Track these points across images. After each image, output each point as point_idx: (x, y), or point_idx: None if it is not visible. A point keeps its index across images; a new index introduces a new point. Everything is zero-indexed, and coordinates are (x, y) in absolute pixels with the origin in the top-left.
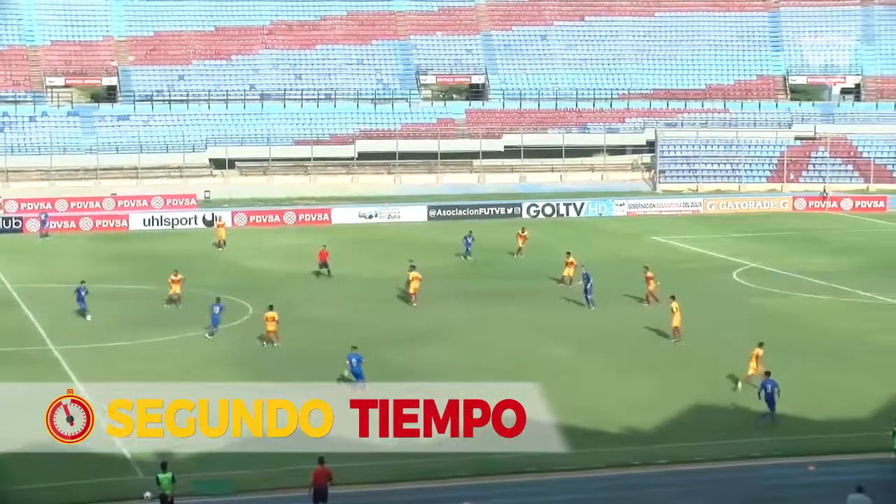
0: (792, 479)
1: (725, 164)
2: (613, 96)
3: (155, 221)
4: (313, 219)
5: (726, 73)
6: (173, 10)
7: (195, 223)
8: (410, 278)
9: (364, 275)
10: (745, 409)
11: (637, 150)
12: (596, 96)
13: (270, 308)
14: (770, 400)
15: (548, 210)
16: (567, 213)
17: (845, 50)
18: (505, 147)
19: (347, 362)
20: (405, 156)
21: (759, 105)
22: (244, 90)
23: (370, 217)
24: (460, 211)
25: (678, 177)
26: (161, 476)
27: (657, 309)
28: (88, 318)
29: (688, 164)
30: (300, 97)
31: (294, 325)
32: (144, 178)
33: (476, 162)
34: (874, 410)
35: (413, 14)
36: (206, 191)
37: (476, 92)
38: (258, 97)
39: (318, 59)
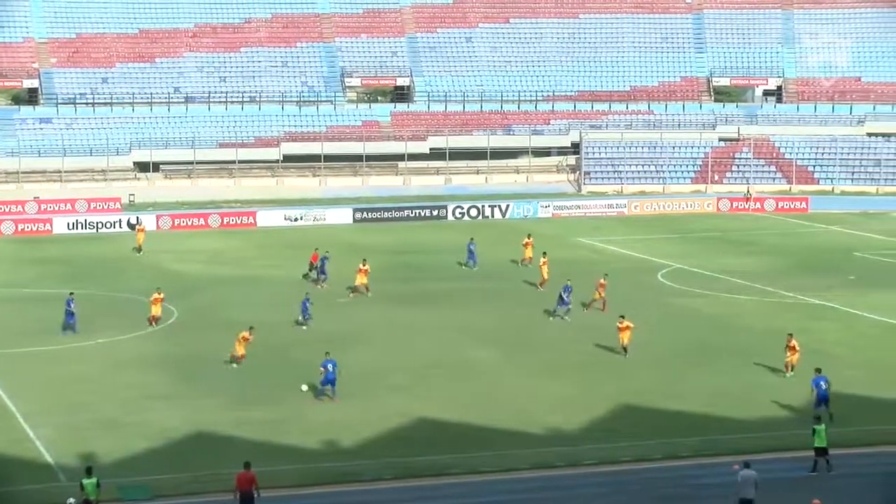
0: (716, 479)
1: (650, 165)
2: (538, 98)
3: (79, 225)
4: (238, 222)
5: (650, 75)
6: (95, 12)
7: (119, 227)
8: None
9: (290, 277)
10: (669, 410)
11: (562, 151)
12: (521, 98)
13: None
14: (824, 397)
15: (473, 212)
16: (492, 215)
17: (767, 52)
18: (430, 149)
19: (321, 369)
20: (330, 158)
21: (683, 107)
22: (168, 93)
23: (295, 220)
24: (386, 213)
25: (603, 178)
26: (86, 481)
27: (580, 310)
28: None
29: (612, 165)
30: (225, 100)
31: (217, 329)
32: (68, 181)
33: (401, 164)
34: (796, 410)
35: (338, 16)
36: (130, 194)
37: (401, 94)
38: (182, 100)
39: (242, 62)
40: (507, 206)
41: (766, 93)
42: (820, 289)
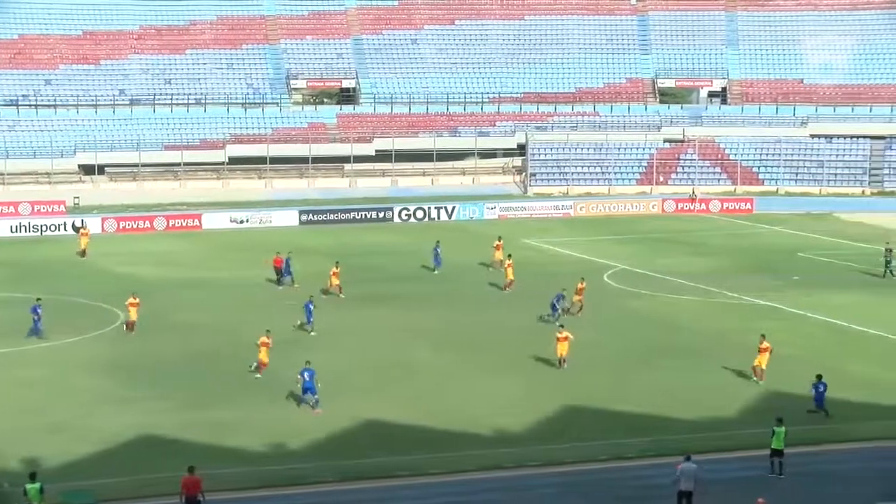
0: (663, 479)
1: (595, 167)
2: (484, 100)
3: (22, 228)
4: (184, 224)
5: (596, 77)
6: (39, 13)
7: (64, 230)
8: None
9: (237, 280)
10: (616, 410)
11: (508, 153)
12: (466, 100)
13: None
14: (820, 400)
15: (419, 214)
16: (438, 217)
17: (712, 54)
18: (376, 151)
19: (299, 377)
20: (276, 160)
21: (629, 108)
22: (113, 95)
23: (241, 222)
24: (332, 215)
25: (549, 180)
26: (29, 486)
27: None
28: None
29: (558, 167)
30: (170, 102)
31: (167, 331)
32: (11, 184)
33: (347, 166)
34: (741, 410)
35: (283, 18)
36: (75, 197)
37: (347, 96)
38: (127, 102)
39: (187, 64)
40: (453, 207)
41: (711, 94)
42: (764, 289)
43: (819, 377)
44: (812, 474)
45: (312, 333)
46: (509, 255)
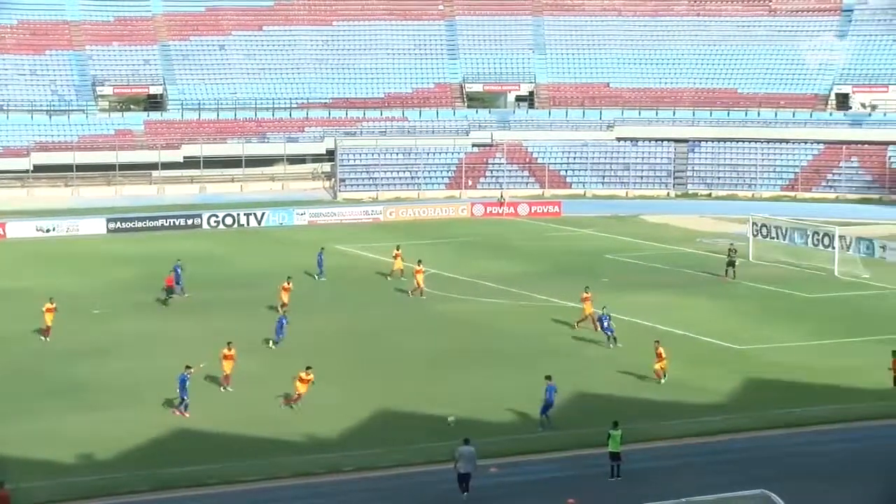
0: (476, 481)
1: (405, 171)
2: (293, 106)
3: None
4: None
5: (404, 82)
6: None
7: None
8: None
9: (42, 290)
10: (431, 415)
11: (317, 159)
12: (275, 106)
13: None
14: (550, 403)
15: (228, 220)
16: (248, 224)
17: (519, 58)
18: (184, 158)
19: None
20: (83, 168)
21: (437, 113)
22: None
23: (48, 231)
24: (140, 223)
25: (358, 185)
26: None
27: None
28: None
29: (368, 172)
30: None
31: None
32: None
33: (155, 173)
34: (552, 411)
35: (88, 24)
36: None
37: (155, 103)
38: None
39: None
40: (263, 214)
41: (519, 98)
42: (573, 291)
43: (548, 378)
44: (627, 473)
45: (273, 346)
46: (419, 261)
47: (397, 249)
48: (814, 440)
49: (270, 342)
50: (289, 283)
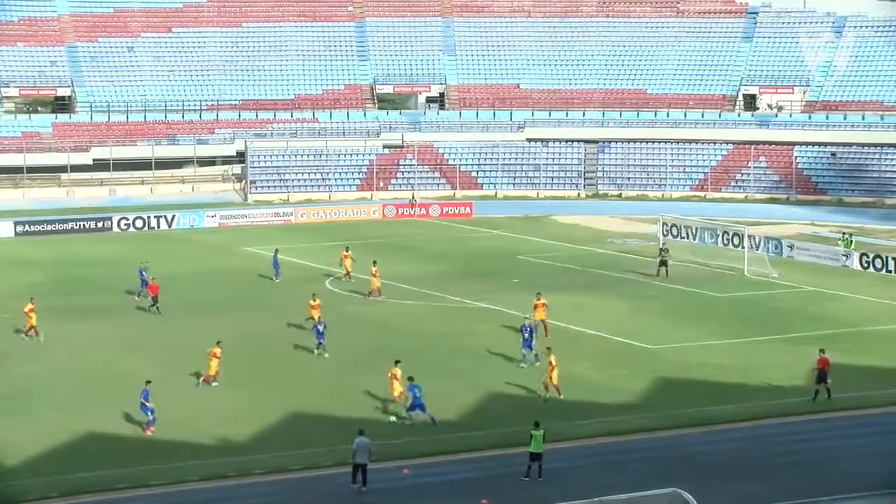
0: (388, 483)
1: (316, 173)
2: (202, 107)
3: None
4: None
5: (315, 83)
6: None
7: None
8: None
9: None
10: (342, 416)
11: (227, 161)
12: (185, 107)
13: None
14: (417, 403)
15: (139, 223)
16: (158, 226)
17: (429, 60)
18: (94, 160)
19: (142, 400)
20: None
21: (348, 114)
22: None
23: None
24: (49, 226)
25: (269, 187)
26: None
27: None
28: None
29: (278, 174)
30: None
31: None
32: None
33: (64, 176)
34: (459, 413)
35: None
36: None
37: (63, 104)
38: None
39: None
40: (173, 216)
41: (429, 100)
42: (486, 292)
43: (410, 379)
44: (533, 474)
45: (326, 355)
46: (374, 262)
47: (346, 251)
48: (724, 438)
49: (316, 351)
50: (315, 301)
